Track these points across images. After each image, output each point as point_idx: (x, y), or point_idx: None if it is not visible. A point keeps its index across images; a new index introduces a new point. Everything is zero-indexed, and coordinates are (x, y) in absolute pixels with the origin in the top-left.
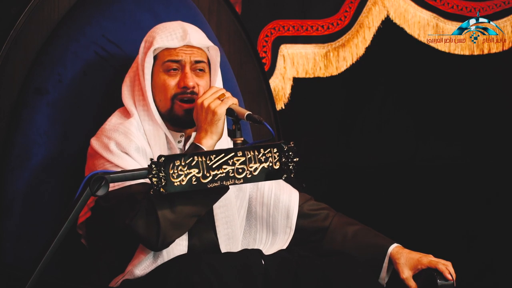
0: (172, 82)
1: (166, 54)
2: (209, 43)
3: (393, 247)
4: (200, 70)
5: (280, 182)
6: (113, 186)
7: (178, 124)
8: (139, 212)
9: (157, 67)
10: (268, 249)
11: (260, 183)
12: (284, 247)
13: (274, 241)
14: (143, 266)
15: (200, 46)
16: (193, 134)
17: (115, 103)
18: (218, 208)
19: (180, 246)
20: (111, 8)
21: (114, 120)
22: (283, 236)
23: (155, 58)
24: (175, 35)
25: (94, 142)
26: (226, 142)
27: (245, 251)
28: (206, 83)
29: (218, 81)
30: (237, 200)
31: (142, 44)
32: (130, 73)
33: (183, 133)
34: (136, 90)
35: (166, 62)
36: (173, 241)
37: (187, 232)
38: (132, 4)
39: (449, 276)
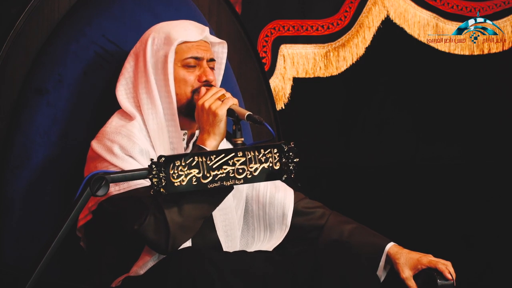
0: (191, 76)
1: (185, 50)
2: (219, 39)
3: (390, 246)
4: (211, 68)
5: (276, 181)
6: (119, 189)
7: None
8: (147, 216)
9: (174, 62)
10: (266, 246)
11: None
12: (279, 242)
13: (271, 238)
14: (147, 267)
15: (215, 41)
16: (197, 132)
17: (116, 103)
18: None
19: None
20: (111, 8)
21: (115, 122)
22: (279, 233)
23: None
24: (190, 30)
25: (95, 145)
26: (224, 142)
27: (245, 251)
28: (215, 79)
29: (220, 78)
30: (234, 199)
31: (150, 41)
32: (129, 72)
33: (186, 131)
34: (140, 88)
35: (188, 58)
36: (181, 244)
37: None
38: (132, 4)
39: (449, 276)
